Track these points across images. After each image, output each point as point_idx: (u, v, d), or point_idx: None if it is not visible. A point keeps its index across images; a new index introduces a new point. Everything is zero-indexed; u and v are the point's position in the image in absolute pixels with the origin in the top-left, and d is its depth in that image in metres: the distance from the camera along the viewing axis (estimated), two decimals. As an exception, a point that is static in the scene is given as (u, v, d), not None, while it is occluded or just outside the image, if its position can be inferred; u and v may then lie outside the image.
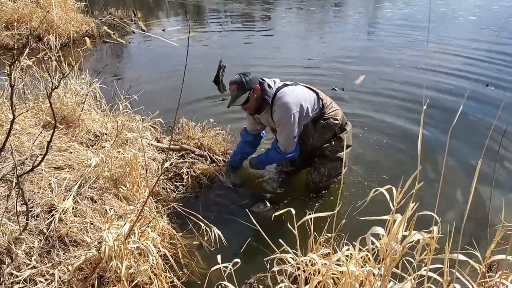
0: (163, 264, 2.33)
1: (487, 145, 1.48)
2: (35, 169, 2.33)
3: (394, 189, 1.37)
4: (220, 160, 3.57)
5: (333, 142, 3.09)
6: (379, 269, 1.36)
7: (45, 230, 2.14)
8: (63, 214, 2.22)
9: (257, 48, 7.77)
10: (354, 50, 7.27)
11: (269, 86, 2.95)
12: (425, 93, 5.14)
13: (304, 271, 1.77)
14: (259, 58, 6.92)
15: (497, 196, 3.05)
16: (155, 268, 2.23)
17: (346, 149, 3.07)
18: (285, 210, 1.70)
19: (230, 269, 1.70)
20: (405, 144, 3.98)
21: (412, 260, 1.40)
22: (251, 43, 8.09)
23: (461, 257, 1.28)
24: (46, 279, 1.96)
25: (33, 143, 2.70)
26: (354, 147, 3.83)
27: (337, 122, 3.03)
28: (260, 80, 2.96)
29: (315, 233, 1.95)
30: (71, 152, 2.91)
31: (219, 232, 2.39)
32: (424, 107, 1.24)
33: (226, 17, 10.82)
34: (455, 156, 3.69)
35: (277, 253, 1.84)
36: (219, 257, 1.72)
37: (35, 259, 2.01)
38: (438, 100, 4.95)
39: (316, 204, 3.05)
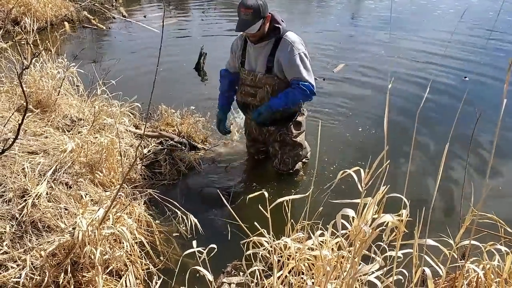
0: (139, 251, 2.31)
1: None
2: (7, 153, 2.28)
3: (362, 170, 1.38)
4: (200, 148, 3.55)
5: (292, 127, 3.03)
6: (349, 252, 1.38)
7: (17, 215, 2.09)
8: (37, 199, 2.18)
9: (238, 37, 7.66)
10: (334, 40, 7.28)
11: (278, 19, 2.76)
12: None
13: (281, 256, 1.78)
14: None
15: (468, 182, 3.12)
16: (130, 255, 2.22)
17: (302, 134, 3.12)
18: (258, 192, 1.70)
19: (205, 255, 1.69)
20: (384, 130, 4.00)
21: (382, 244, 1.43)
22: (232, 32, 8.01)
23: (430, 241, 1.31)
24: (18, 265, 1.93)
25: (4, 126, 2.63)
26: (337, 133, 3.92)
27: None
28: None
29: (292, 221, 1.97)
30: (46, 137, 2.85)
31: (196, 220, 2.39)
32: (390, 85, 1.26)
33: (209, 5, 10.68)
34: (430, 141, 3.74)
35: (253, 237, 1.84)
36: (194, 243, 1.71)
37: (6, 244, 1.97)
38: (412, 89, 5.04)
39: (292, 191, 3.06)
